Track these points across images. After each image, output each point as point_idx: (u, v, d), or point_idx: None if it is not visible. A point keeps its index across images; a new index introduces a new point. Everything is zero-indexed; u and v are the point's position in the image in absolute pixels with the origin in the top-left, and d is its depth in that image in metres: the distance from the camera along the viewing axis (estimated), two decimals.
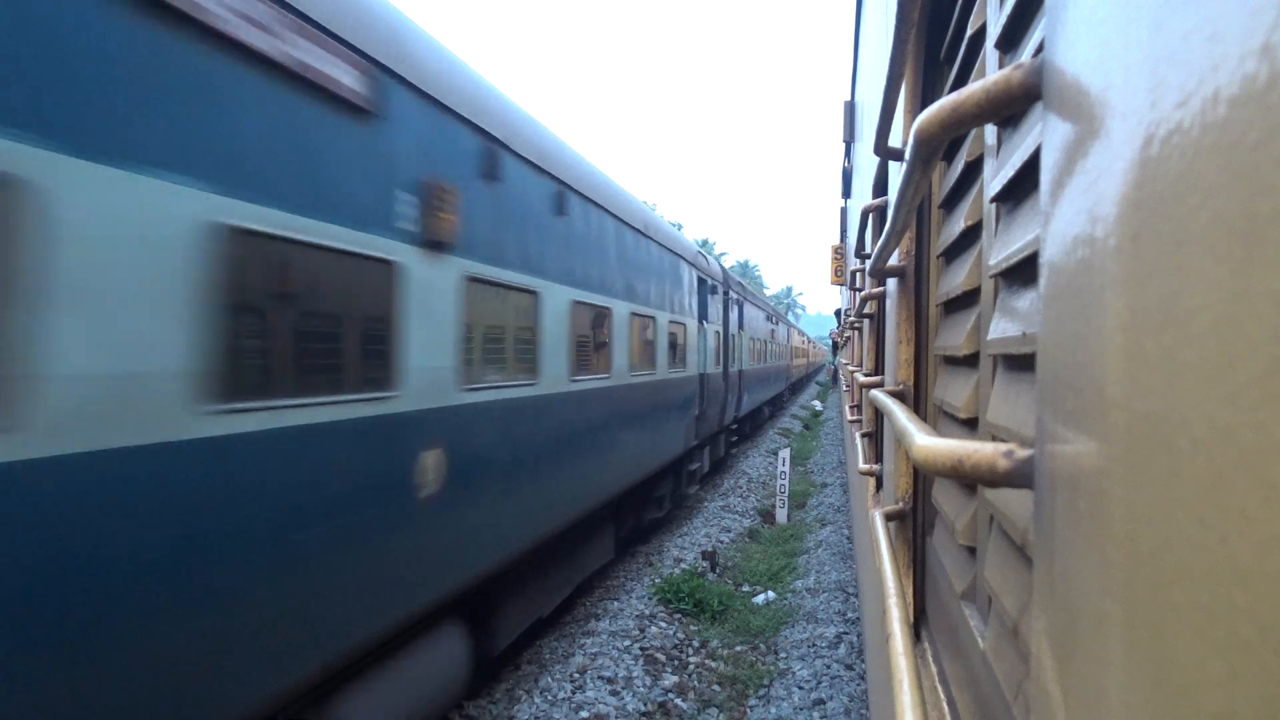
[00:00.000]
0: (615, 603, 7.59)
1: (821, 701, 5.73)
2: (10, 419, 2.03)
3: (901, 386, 1.94)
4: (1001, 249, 0.97)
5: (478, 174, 4.43)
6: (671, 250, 9.89)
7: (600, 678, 5.83)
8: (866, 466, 3.01)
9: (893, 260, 2.05)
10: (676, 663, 6.37)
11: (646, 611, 7.23)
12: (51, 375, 2.12)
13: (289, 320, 3.07)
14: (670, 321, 9.57)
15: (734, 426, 17.59)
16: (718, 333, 13.41)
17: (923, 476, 1.85)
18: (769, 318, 24.32)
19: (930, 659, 1.52)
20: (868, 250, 3.44)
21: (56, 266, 2.13)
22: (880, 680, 2.42)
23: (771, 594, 8.33)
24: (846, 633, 7.06)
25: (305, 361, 3.12)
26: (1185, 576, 0.31)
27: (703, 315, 11.79)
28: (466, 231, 4.24)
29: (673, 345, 9.72)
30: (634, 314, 7.97)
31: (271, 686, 2.89)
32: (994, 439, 0.96)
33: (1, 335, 2.02)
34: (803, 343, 49.04)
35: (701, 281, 11.93)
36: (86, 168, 2.23)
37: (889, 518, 1.85)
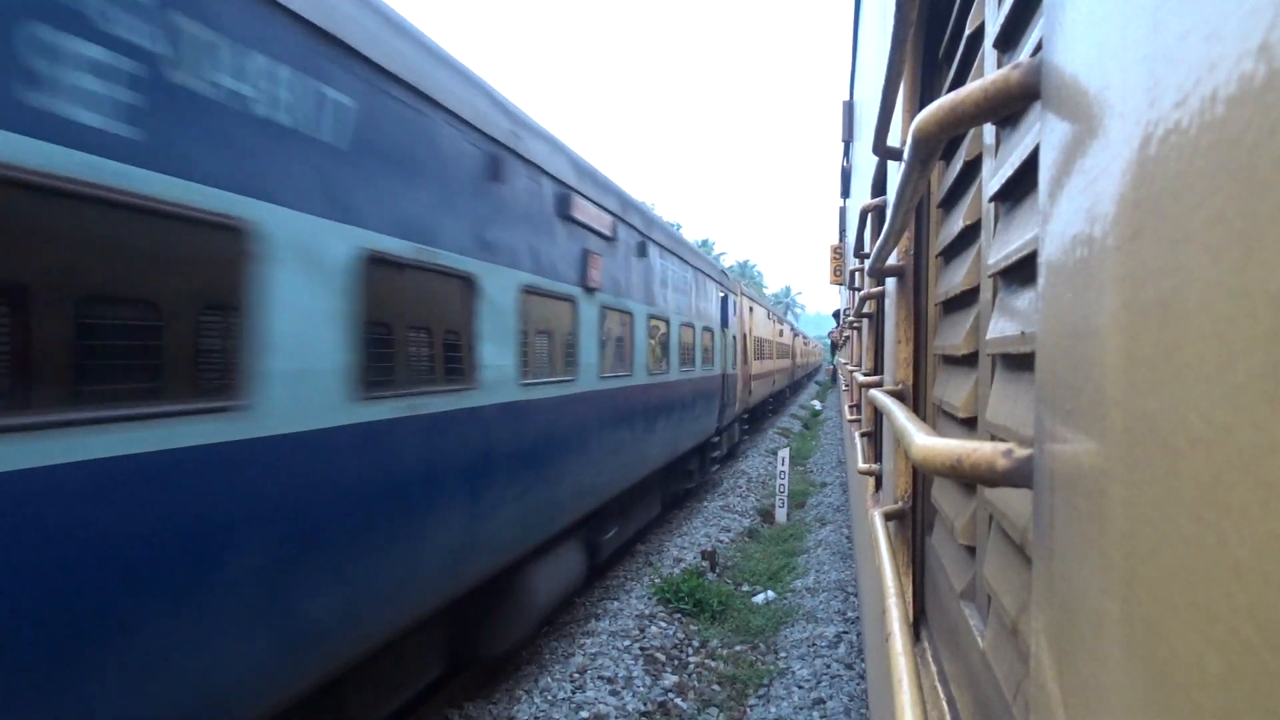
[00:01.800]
0: (615, 603, 7.59)
1: (821, 701, 5.73)
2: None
3: (900, 386, 1.94)
4: (1000, 248, 0.97)
5: None
6: None
7: (600, 678, 5.83)
8: (866, 466, 3.01)
9: (891, 260, 2.05)
10: (676, 662, 6.37)
11: (646, 611, 7.23)
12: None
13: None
14: None
15: None
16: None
17: (922, 476, 1.85)
18: (647, 242, 8.49)
19: (930, 658, 1.52)
20: (867, 250, 3.44)
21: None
22: (880, 680, 2.42)
23: (771, 594, 8.33)
24: (846, 632, 7.06)
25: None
26: (1184, 575, 0.31)
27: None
28: None
29: None
30: None
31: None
32: (993, 438, 0.96)
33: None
34: (776, 332, 27.80)
35: None
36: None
37: (888, 517, 1.85)
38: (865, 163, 4.05)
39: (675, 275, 10.05)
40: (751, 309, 19.49)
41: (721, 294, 14.19)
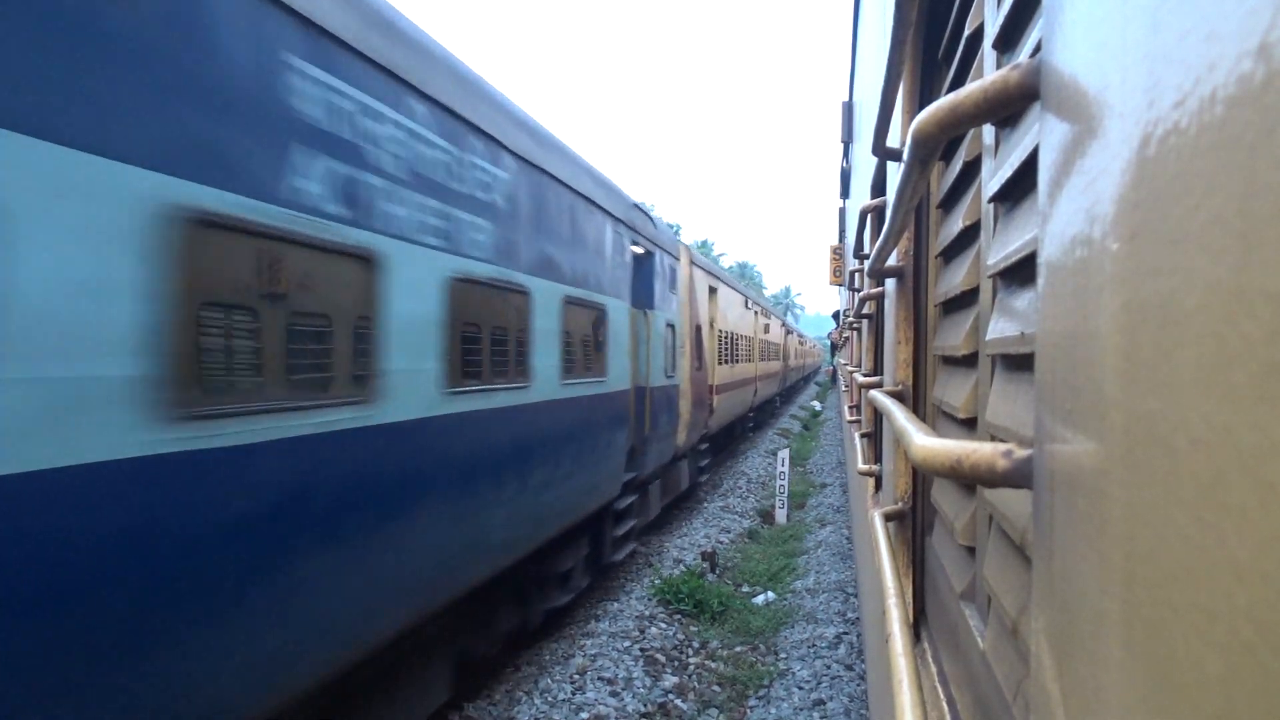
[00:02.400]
0: (615, 603, 7.59)
1: (821, 702, 5.72)
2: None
3: (900, 387, 1.94)
4: (1000, 249, 0.97)
5: None
6: None
7: (600, 679, 5.82)
8: (866, 467, 3.01)
9: (891, 260, 2.05)
10: (676, 663, 6.36)
11: (646, 612, 7.23)
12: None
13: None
14: None
15: None
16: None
17: (922, 476, 1.85)
18: None
19: (930, 659, 1.52)
20: (866, 251, 3.44)
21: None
22: (880, 680, 2.42)
23: (771, 594, 8.33)
24: (846, 633, 7.06)
25: None
26: (1184, 576, 0.31)
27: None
28: None
29: None
30: None
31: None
32: (993, 439, 0.96)
33: None
34: (760, 327, 21.18)
35: None
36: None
37: (888, 518, 1.85)
38: (865, 163, 4.06)
39: (472, 174, 4.42)
40: (715, 290, 13.72)
41: (639, 250, 8.18)
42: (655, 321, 8.90)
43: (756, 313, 20.65)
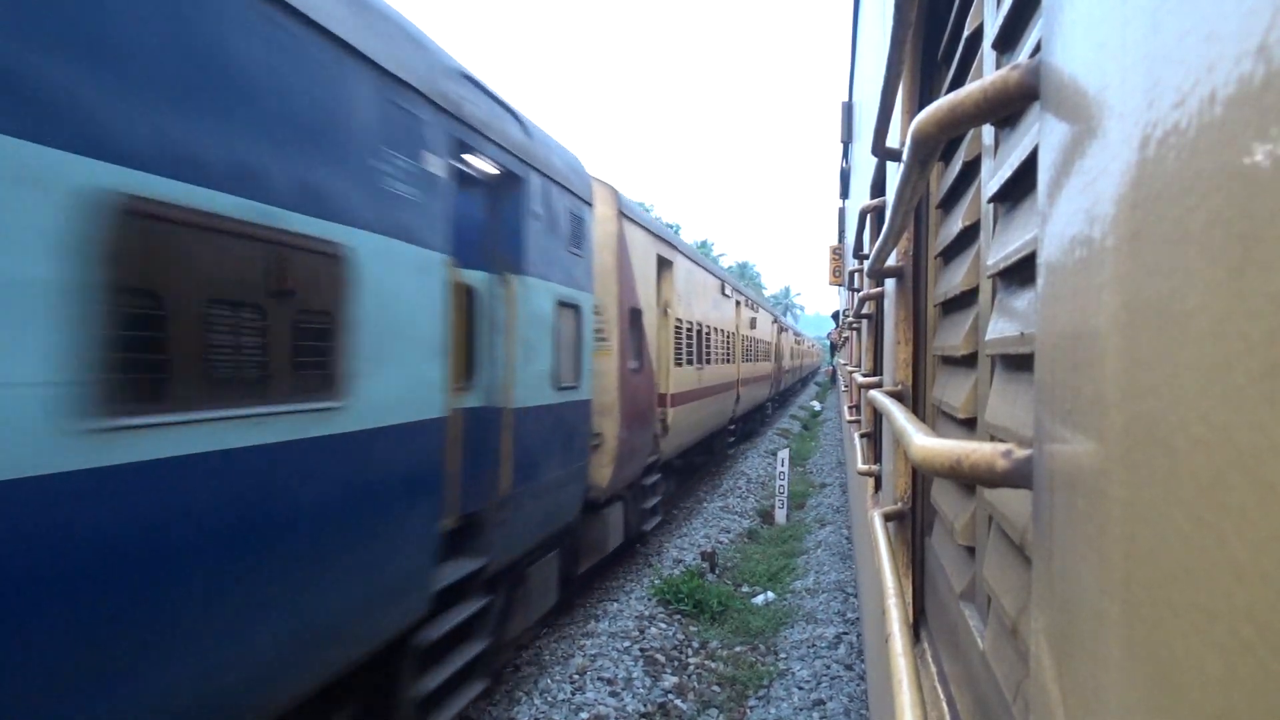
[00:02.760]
0: (614, 604, 7.59)
1: (821, 702, 5.73)
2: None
3: (900, 387, 1.95)
4: (999, 249, 0.97)
5: None
6: None
7: (600, 679, 5.82)
8: (865, 467, 3.01)
9: (891, 260, 2.05)
10: (676, 663, 6.36)
11: (646, 612, 7.23)
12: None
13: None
14: None
15: None
16: None
17: (921, 477, 1.85)
18: None
19: (930, 659, 1.52)
20: (866, 251, 3.44)
21: None
22: (880, 680, 2.42)
23: (771, 594, 8.33)
24: (846, 633, 7.06)
25: None
26: (1183, 576, 0.31)
27: None
28: None
29: None
30: None
31: None
32: (992, 439, 0.96)
33: None
34: (745, 321, 18.00)
35: None
36: None
37: (888, 518, 1.85)
38: (864, 164, 4.06)
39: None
40: (669, 263, 10.27)
41: (489, 166, 4.69)
42: (531, 295, 5.21)
43: (739, 302, 16.69)
